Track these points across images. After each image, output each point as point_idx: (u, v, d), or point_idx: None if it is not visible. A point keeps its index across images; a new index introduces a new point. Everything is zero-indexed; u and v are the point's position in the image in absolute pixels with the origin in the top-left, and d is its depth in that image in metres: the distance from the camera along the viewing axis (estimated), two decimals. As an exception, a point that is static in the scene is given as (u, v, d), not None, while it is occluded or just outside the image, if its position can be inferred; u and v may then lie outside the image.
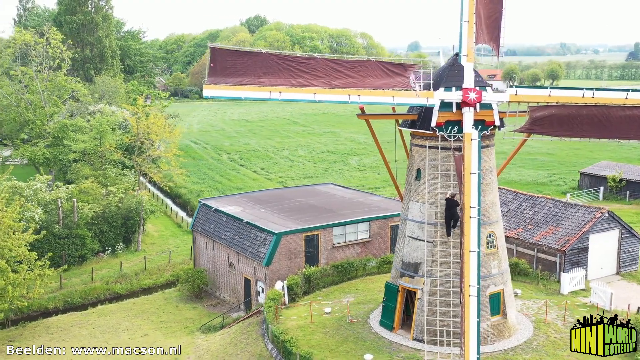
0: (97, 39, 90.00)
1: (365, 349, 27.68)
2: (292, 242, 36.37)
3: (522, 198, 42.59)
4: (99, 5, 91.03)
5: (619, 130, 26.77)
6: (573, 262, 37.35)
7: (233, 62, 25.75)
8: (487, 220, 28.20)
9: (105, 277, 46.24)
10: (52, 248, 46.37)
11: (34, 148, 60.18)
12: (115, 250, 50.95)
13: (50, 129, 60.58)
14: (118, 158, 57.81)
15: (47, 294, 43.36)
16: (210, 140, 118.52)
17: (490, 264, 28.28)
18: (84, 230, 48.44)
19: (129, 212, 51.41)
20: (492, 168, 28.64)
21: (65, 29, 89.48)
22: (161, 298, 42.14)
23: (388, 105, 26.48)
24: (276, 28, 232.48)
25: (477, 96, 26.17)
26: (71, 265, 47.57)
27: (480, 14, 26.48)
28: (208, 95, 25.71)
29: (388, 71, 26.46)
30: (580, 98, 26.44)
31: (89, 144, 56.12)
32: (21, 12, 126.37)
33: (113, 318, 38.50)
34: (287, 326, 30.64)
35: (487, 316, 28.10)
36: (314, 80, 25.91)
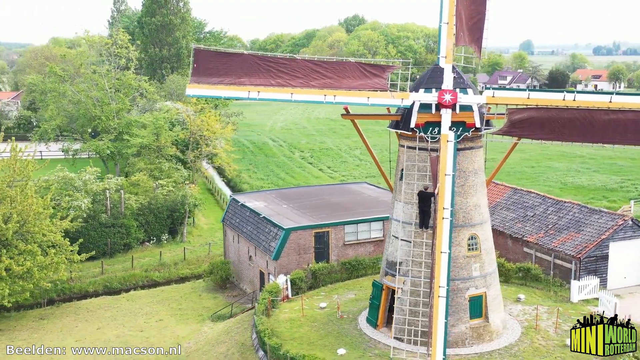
0: (174, 40, 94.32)
1: (343, 344, 28.27)
2: (302, 238, 37.33)
3: (549, 203, 41.51)
4: (177, 7, 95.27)
5: (602, 135, 25.98)
6: (590, 270, 36.16)
7: (215, 63, 27.10)
8: (469, 222, 28.07)
9: (145, 265, 48.88)
10: (99, 236, 49.62)
11: (99, 142, 64.23)
12: (161, 240, 53.67)
13: (116, 124, 64.46)
14: (173, 153, 60.66)
15: (89, 278, 46.62)
16: (289, 138, 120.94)
17: (472, 267, 28.13)
18: (130, 220, 51.40)
19: (174, 205, 54.01)
20: (478, 170, 28.41)
21: (146, 29, 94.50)
22: (189, 287, 44.22)
23: (364, 106, 27.01)
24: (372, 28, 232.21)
25: (453, 98, 26.20)
26: (116, 252, 50.66)
27: (461, 16, 26.47)
28: (190, 94, 27.26)
29: (366, 72, 26.96)
30: (561, 101, 25.86)
31: (146, 139, 59.32)
32: (115, 14, 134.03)
33: (138, 303, 40.89)
34: (280, 318, 31.69)
35: (465, 318, 27.99)
36: (292, 81, 26.81)
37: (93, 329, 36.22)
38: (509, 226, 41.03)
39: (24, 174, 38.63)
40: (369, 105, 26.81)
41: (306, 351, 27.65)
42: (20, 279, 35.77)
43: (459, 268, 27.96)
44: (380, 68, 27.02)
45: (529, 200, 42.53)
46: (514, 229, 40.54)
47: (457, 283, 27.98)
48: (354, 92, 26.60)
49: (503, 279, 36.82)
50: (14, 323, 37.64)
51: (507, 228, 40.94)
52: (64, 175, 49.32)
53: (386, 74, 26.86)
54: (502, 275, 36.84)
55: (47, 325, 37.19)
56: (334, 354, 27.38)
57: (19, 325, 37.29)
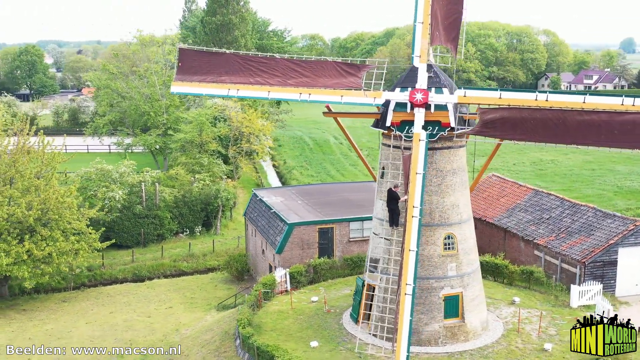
0: (233, 38, 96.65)
1: (319, 337, 28.90)
2: (305, 233, 38.08)
3: (566, 205, 40.53)
4: (237, 7, 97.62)
5: (576, 136, 25.49)
6: (596, 276, 35.18)
7: (198, 62, 28.27)
8: (446, 221, 28.08)
9: (174, 256, 50.84)
10: (132, 226, 52.05)
11: (148, 137, 67.02)
12: (194, 232, 55.64)
13: (164, 120, 67.14)
14: (215, 148, 62.55)
15: (120, 265, 49.04)
16: (351, 135, 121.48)
17: (447, 266, 28.12)
18: (164, 212, 53.59)
19: (208, 198, 55.84)
20: (457, 170, 28.34)
21: (207, 29, 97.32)
22: (208, 278, 45.81)
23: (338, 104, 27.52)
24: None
25: (424, 97, 26.33)
26: (150, 242, 52.97)
27: (437, 15, 26.57)
28: (174, 92, 28.57)
29: (342, 71, 27.47)
30: (533, 101, 25.53)
31: (189, 134, 61.54)
32: (186, 13, 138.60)
33: (156, 290, 42.79)
34: (269, 310, 32.65)
35: (439, 317, 28.03)
36: (271, 79, 27.66)
37: (106, 312, 38.32)
38: (523, 228, 40.35)
39: (51, 166, 41.17)
40: (342, 104, 27.31)
41: (282, 342, 28.49)
42: (41, 262, 38.26)
43: (433, 267, 28.03)
44: (356, 67, 27.47)
45: (548, 203, 41.66)
46: (527, 231, 39.84)
47: (432, 282, 28.07)
48: (329, 90, 27.15)
49: (506, 281, 36.48)
50: (38, 304, 40.30)
51: (521, 230, 40.27)
52: (101, 167, 52.02)
53: (361, 73, 27.28)
54: (506, 278, 36.49)
55: (66, 307, 39.62)
56: (306, 346, 28.06)
57: (42, 306, 39.89)
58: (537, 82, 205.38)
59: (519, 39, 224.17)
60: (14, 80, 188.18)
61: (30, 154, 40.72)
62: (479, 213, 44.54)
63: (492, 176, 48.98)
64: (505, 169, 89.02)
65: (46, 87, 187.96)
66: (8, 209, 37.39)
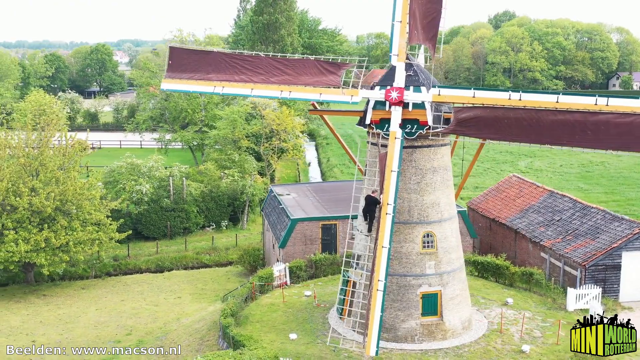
0: (279, 37, 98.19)
1: (300, 329, 29.54)
2: (308, 229, 38.72)
3: (578, 207, 39.71)
4: (284, 6, 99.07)
5: (550, 136, 25.22)
6: (597, 280, 34.47)
7: (187, 60, 29.28)
8: (425, 219, 28.18)
9: (198, 248, 52.35)
10: (159, 219, 53.88)
11: (186, 133, 69.06)
12: (220, 226, 57.07)
13: (202, 117, 69.03)
14: (247, 145, 63.86)
15: (145, 256, 50.89)
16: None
17: (425, 264, 28.22)
18: (191, 206, 55.22)
19: (235, 194, 57.18)
20: (438, 168, 28.38)
21: (254, 27, 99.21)
22: (224, 271, 47.02)
23: (315, 101, 28.04)
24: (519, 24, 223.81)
25: (399, 95, 26.54)
26: (176, 235, 54.68)
27: (415, 14, 26.71)
28: (164, 89, 29.73)
29: (323, 69, 27.95)
30: (507, 100, 25.38)
31: (222, 131, 63.07)
32: (240, 13, 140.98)
33: (171, 281, 44.27)
34: (261, 302, 33.47)
35: (416, 315, 28.17)
36: (254, 77, 28.43)
37: (118, 300, 40.00)
38: (532, 230, 39.79)
39: (74, 159, 43.25)
40: (319, 101, 27.84)
41: (263, 333, 29.29)
42: (59, 250, 40.27)
43: (411, 264, 28.21)
44: (336, 66, 27.88)
45: (560, 205, 40.92)
46: (535, 233, 39.28)
47: (409, 279, 28.24)
48: (309, 88, 27.69)
49: (507, 282, 36.15)
50: (58, 290, 42.39)
51: (530, 232, 39.73)
52: (131, 161, 54.08)
53: (341, 72, 27.68)
54: (507, 279, 36.16)
55: (84, 294, 41.55)
56: (285, 338, 28.72)
57: (61, 292, 41.95)
58: (608, 81, 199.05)
59: (589, 37, 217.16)
60: (85, 78, 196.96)
61: (54, 147, 42.84)
62: (493, 213, 44.16)
63: (513, 177, 48.32)
64: (550, 170, 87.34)
65: (115, 85, 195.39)
66: (29, 198, 39.51)
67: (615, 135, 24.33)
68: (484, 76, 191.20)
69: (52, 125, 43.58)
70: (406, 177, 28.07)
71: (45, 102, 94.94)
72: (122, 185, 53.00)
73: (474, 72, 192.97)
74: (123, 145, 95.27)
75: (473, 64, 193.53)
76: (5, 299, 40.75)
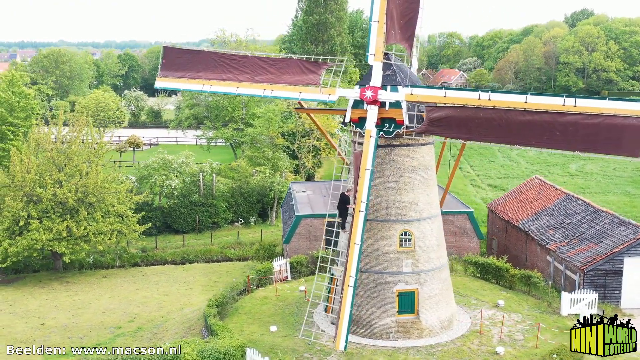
0: (329, 37, 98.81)
1: (282, 322, 30.34)
2: (313, 226, 39.37)
3: (589, 211, 38.81)
4: (333, 6, 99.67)
5: (519, 136, 25.08)
6: (597, 285, 33.71)
7: (180, 59, 30.52)
8: (403, 218, 28.41)
9: (224, 243, 53.77)
10: (188, 213, 55.66)
11: (226, 130, 70.84)
12: (249, 221, 58.39)
13: (242, 115, 70.68)
14: (282, 143, 64.98)
15: (172, 249, 52.70)
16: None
17: (402, 262, 28.44)
18: (220, 201, 56.76)
19: (264, 190, 58.39)
20: (417, 168, 28.50)
21: (304, 27, 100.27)
22: (242, 265, 48.11)
23: (294, 100, 28.69)
24: (595, 22, 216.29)
25: (373, 94, 26.89)
26: (205, 229, 56.33)
27: (392, 14, 27.01)
28: (157, 87, 31.08)
29: (304, 69, 28.61)
30: (476, 100, 25.36)
31: (258, 129, 64.43)
32: (297, 13, 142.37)
33: (188, 273, 45.72)
34: (256, 295, 34.46)
35: (392, 312, 28.44)
36: (240, 75, 29.37)
37: (132, 289, 41.78)
38: (541, 233, 39.17)
39: (100, 154, 45.43)
40: (299, 100, 28.51)
41: (246, 324, 30.27)
42: (81, 240, 42.42)
43: (388, 262, 28.49)
44: (317, 65, 28.48)
45: (574, 208, 40.10)
46: (544, 236, 38.66)
47: (386, 276, 28.54)
48: (290, 87, 28.41)
49: (507, 284, 35.79)
50: (81, 278, 44.59)
51: (538, 235, 39.13)
52: (162, 157, 56.11)
53: (321, 71, 28.24)
54: (507, 281, 35.81)
55: (103, 282, 43.56)
56: (266, 330, 29.55)
57: (83, 280, 44.11)
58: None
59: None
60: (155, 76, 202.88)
61: (83, 143, 45.13)
62: (508, 215, 43.64)
63: (535, 179, 47.52)
64: (601, 173, 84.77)
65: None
66: (53, 190, 41.81)
67: (584, 137, 23.98)
68: (555, 76, 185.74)
69: (80, 121, 45.84)
70: (384, 175, 28.38)
71: (103, 100, 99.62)
72: (153, 180, 55.04)
73: (545, 72, 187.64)
74: (180, 142, 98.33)
75: (544, 63, 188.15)
76: (31, 283, 43.26)
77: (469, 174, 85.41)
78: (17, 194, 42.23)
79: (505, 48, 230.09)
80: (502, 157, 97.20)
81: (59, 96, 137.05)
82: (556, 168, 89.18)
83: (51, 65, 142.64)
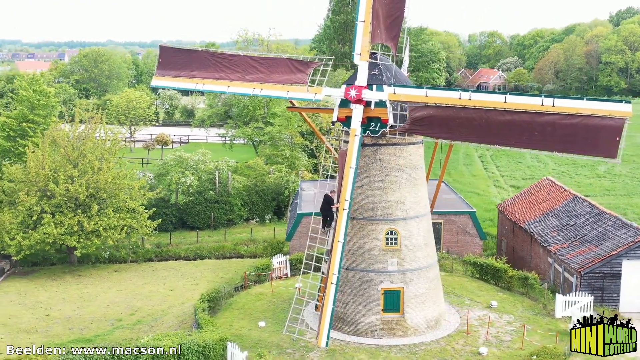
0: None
1: (271, 318, 30.78)
2: (314, 224, 39.57)
3: (594, 213, 38.25)
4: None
5: (499, 136, 25.06)
6: (594, 288, 33.25)
7: (175, 58, 31.20)
8: (389, 217, 28.58)
9: (237, 240, 54.45)
10: (203, 210, 56.56)
11: (247, 129, 71.72)
12: (264, 219, 59.02)
13: (264, 113, 71.40)
14: (300, 142, 65.48)
15: (186, 245, 53.65)
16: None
17: (387, 261, 28.59)
18: (235, 198, 57.53)
19: (279, 188, 58.97)
20: (404, 167, 28.63)
21: (332, 27, 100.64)
22: (251, 261, 48.54)
23: (282, 99, 29.06)
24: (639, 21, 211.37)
25: (357, 93, 27.11)
26: (220, 226, 57.15)
27: (378, 14, 27.22)
28: (153, 85, 31.81)
29: (293, 68, 28.97)
30: (457, 99, 25.40)
31: (277, 128, 65.09)
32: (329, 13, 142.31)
33: (197, 269, 46.48)
34: (252, 292, 34.99)
35: (377, 310, 28.63)
36: (232, 75, 29.90)
37: (140, 283, 42.76)
38: (544, 234, 38.77)
39: (113, 151, 46.57)
40: (287, 99, 28.90)
41: (236, 319, 30.82)
42: (92, 235, 43.57)
43: (374, 260, 28.67)
44: (305, 64, 28.80)
45: (579, 209, 39.58)
46: (546, 238, 38.25)
47: (371, 275, 28.73)
48: (278, 86, 28.82)
49: (505, 285, 35.59)
50: (93, 272, 45.76)
51: (542, 236, 38.73)
52: (179, 155, 57.15)
53: (309, 70, 28.55)
54: (505, 282, 35.61)
55: (114, 276, 44.64)
56: (254, 325, 30.03)
57: (95, 273, 45.25)
58: None
59: None
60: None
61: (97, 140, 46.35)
62: (516, 216, 43.27)
63: (546, 179, 46.95)
64: (630, 175, 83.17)
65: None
66: (66, 185, 43.05)
67: (562, 137, 23.87)
68: (597, 76, 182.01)
69: (95, 119, 47.06)
70: (371, 174, 28.60)
71: (134, 98, 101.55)
72: (170, 177, 56.09)
73: (586, 72, 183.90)
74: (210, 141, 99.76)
75: (586, 63, 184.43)
76: (45, 276, 44.62)
77: (493, 175, 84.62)
78: (31, 189, 43.63)
79: (546, 47, 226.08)
80: (530, 158, 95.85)
81: (97, 95, 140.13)
82: (584, 169, 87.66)
83: (90, 64, 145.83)
